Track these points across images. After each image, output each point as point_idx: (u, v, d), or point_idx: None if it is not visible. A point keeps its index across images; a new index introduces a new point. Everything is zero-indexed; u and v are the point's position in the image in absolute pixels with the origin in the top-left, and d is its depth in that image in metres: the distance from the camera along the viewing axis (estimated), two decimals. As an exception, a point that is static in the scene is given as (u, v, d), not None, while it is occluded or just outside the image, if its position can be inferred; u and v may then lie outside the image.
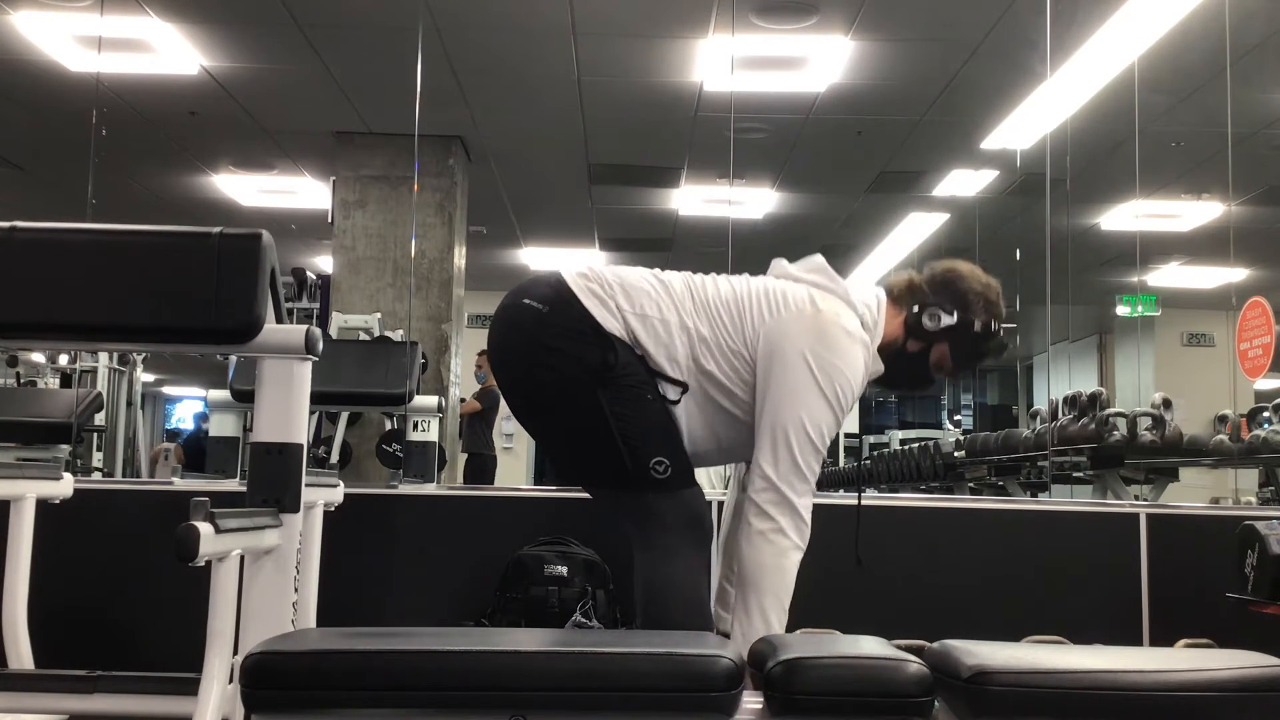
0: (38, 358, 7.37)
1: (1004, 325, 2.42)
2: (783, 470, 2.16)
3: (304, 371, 1.97)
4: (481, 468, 8.39)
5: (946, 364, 2.40)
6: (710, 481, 3.65)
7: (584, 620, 3.02)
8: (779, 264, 2.42)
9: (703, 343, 2.25)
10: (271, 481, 1.93)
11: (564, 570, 3.08)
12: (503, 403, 8.84)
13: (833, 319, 2.25)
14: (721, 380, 2.25)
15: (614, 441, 2.18)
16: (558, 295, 2.25)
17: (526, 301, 2.26)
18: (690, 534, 2.23)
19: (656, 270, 2.36)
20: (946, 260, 2.46)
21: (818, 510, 2.22)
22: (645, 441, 2.19)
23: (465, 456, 8.29)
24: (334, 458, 5.83)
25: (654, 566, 2.21)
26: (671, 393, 2.24)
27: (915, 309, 2.36)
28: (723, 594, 2.41)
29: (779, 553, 2.15)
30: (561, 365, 2.22)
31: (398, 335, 6.51)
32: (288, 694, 1.45)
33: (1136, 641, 3.19)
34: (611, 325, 2.22)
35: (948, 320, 2.35)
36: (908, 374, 2.41)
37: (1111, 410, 5.99)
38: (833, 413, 2.20)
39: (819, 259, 2.38)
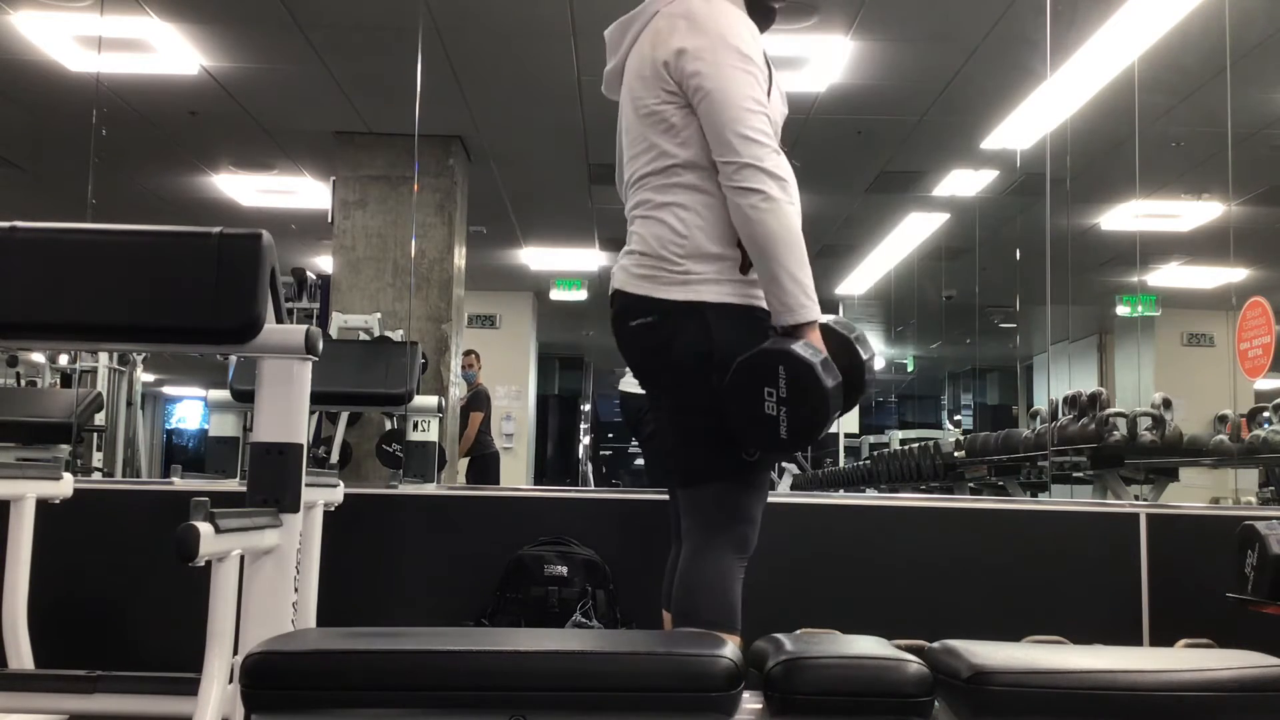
0: (38, 358, 7.36)
1: None
2: (738, 146, 2.18)
3: (304, 371, 1.97)
4: (486, 468, 8.35)
5: None
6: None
7: (584, 620, 3.02)
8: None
9: (674, 168, 2.28)
10: (271, 481, 1.93)
11: (564, 570, 3.08)
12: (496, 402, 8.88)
13: (682, 10, 2.27)
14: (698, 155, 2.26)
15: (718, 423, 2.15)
16: (647, 303, 2.23)
17: (634, 324, 2.25)
18: (737, 533, 2.20)
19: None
20: None
21: (817, 511, 2.22)
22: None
23: (467, 460, 8.24)
24: (334, 458, 5.83)
25: (696, 558, 2.19)
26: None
27: None
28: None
29: (777, 216, 2.16)
30: (678, 368, 2.21)
31: (398, 335, 6.51)
32: (288, 694, 1.45)
33: (1136, 641, 3.19)
34: (681, 293, 2.20)
35: None
36: None
37: (1111, 410, 5.98)
38: (747, 74, 2.21)
39: None
